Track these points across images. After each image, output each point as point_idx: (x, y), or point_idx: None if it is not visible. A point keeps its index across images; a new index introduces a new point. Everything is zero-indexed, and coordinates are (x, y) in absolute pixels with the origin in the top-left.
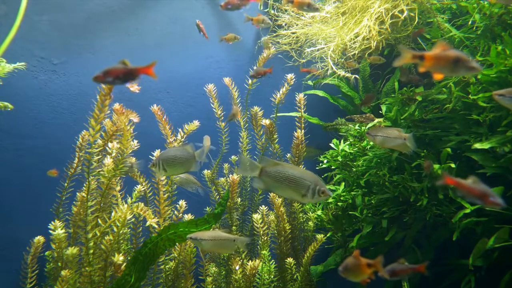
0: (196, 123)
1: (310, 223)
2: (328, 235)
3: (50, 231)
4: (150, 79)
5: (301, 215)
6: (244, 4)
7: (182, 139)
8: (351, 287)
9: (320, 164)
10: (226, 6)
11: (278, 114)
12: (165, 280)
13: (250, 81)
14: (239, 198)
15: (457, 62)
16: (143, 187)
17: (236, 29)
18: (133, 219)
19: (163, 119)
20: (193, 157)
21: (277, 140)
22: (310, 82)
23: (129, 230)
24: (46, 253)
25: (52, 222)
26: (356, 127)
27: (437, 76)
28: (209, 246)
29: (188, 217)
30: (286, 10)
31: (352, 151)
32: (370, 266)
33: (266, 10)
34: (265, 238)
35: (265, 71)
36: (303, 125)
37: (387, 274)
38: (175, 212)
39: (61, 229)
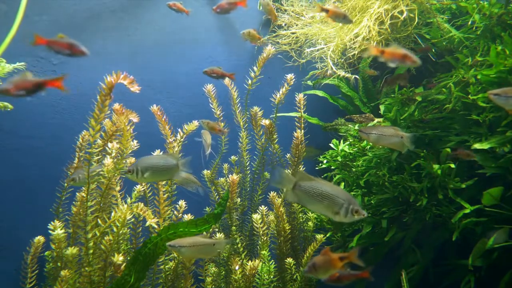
0: (195, 123)
1: (310, 223)
2: (327, 235)
3: (50, 231)
4: (150, 79)
5: (300, 215)
6: (233, 7)
7: (182, 139)
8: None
9: (320, 164)
10: (216, 10)
11: (277, 114)
12: (165, 280)
13: (250, 81)
14: (239, 198)
15: (404, 57)
16: (143, 187)
17: (236, 29)
18: (132, 219)
19: (163, 119)
20: (175, 166)
21: (276, 140)
22: (309, 82)
23: (128, 230)
24: (46, 253)
25: (52, 222)
26: (356, 127)
27: (391, 64)
28: (188, 253)
29: (187, 217)
30: (285, 10)
31: (351, 151)
32: (343, 259)
33: None
34: (265, 238)
35: (223, 74)
36: (302, 125)
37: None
38: (175, 212)
39: (61, 229)
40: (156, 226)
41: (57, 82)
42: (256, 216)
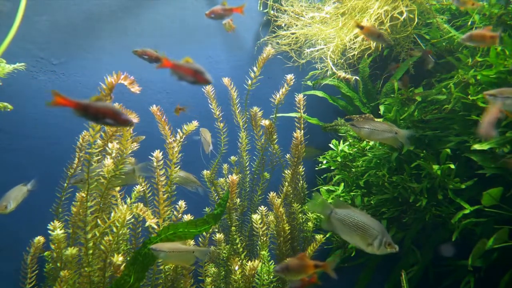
0: (195, 123)
1: (310, 223)
2: (327, 235)
3: (50, 232)
4: (149, 79)
5: (300, 215)
6: (227, 14)
7: (181, 140)
8: (350, 287)
9: (320, 164)
10: (210, 15)
11: (277, 115)
12: (165, 280)
13: (249, 81)
14: (238, 199)
15: (379, 36)
16: (142, 188)
17: (236, 29)
18: (132, 220)
19: (163, 120)
20: (131, 171)
21: (276, 140)
22: (309, 83)
23: (128, 231)
24: (45, 253)
25: (52, 223)
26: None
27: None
28: (167, 258)
29: (187, 217)
30: (285, 11)
31: (351, 152)
32: (318, 267)
33: (265, 11)
34: (265, 238)
35: (157, 57)
36: (302, 126)
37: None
38: (175, 212)
39: (61, 230)
40: (155, 227)
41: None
42: (255, 217)
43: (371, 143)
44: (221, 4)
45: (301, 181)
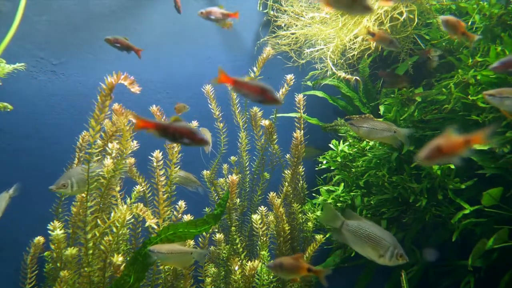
0: (194, 123)
1: (310, 223)
2: (327, 235)
3: (49, 232)
4: (149, 79)
5: (300, 215)
6: (224, 19)
7: None
8: (350, 287)
9: (320, 164)
10: (206, 15)
11: (277, 115)
12: (164, 280)
13: None
14: (238, 199)
15: (391, 42)
16: (142, 188)
17: (235, 29)
18: (132, 220)
19: (162, 120)
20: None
21: (276, 140)
22: (309, 83)
23: (128, 231)
24: (45, 253)
25: (51, 223)
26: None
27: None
28: (165, 260)
29: (187, 217)
30: (285, 11)
31: (351, 152)
32: (310, 271)
33: (265, 11)
34: (264, 238)
35: (128, 45)
36: (302, 126)
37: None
38: (175, 212)
39: (60, 230)
40: (155, 227)
41: None
42: (255, 217)
43: (371, 143)
44: (218, 7)
45: (301, 181)
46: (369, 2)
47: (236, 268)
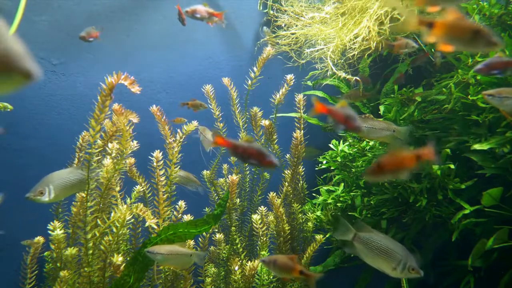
0: (194, 123)
1: (309, 223)
2: (327, 235)
3: (49, 232)
4: (150, 79)
5: (300, 215)
6: (209, 17)
7: (181, 140)
8: (349, 287)
9: (320, 164)
10: (191, 14)
11: (277, 115)
12: (164, 280)
13: (249, 81)
14: (238, 199)
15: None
16: (142, 188)
17: (236, 29)
18: (132, 220)
19: (162, 120)
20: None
21: (276, 140)
22: (309, 83)
23: (128, 231)
24: (45, 253)
25: (51, 223)
26: None
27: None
28: (164, 261)
29: (187, 217)
30: (285, 11)
31: (351, 152)
32: (302, 274)
33: (265, 11)
34: (264, 238)
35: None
36: (302, 126)
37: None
38: (175, 212)
39: (60, 230)
40: (155, 227)
41: None
42: (255, 217)
43: (371, 143)
44: (202, 5)
45: (301, 181)
46: (494, 37)
47: (236, 268)
